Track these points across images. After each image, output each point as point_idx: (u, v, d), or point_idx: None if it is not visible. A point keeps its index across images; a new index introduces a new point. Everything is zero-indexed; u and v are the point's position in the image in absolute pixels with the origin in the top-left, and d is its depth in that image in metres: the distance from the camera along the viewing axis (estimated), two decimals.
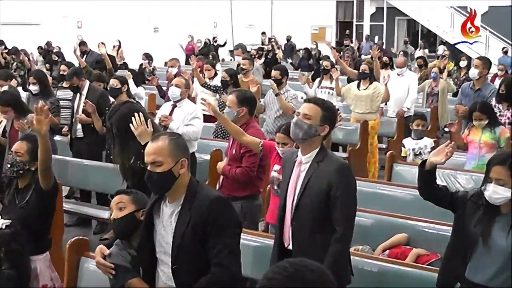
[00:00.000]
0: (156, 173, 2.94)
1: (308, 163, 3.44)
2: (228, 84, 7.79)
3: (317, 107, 3.43)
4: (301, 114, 3.45)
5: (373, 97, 8.34)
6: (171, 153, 2.94)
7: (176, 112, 6.38)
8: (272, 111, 7.27)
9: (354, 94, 8.44)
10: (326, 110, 3.45)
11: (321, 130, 3.44)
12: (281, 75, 7.30)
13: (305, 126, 3.41)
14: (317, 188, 3.35)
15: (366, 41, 21.66)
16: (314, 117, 3.42)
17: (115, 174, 4.57)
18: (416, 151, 6.80)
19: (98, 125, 6.75)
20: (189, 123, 6.22)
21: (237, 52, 10.40)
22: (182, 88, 6.41)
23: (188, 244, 2.88)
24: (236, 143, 4.95)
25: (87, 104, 6.64)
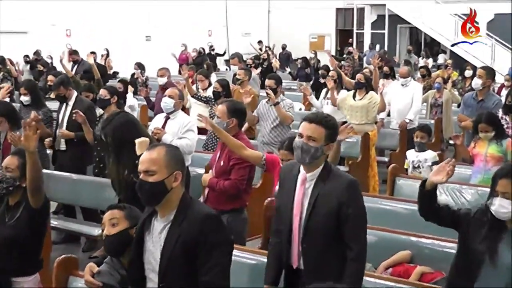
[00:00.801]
0: (147, 183, 2.94)
1: (313, 181, 3.43)
2: (220, 95, 7.81)
3: (321, 127, 3.40)
4: (304, 136, 3.40)
5: (368, 107, 8.36)
6: (166, 164, 2.95)
7: (170, 124, 6.38)
8: (268, 121, 7.28)
9: (350, 105, 8.45)
10: (330, 128, 3.43)
11: (327, 149, 3.44)
12: (276, 84, 7.34)
13: (311, 150, 3.38)
14: (326, 208, 3.33)
15: (370, 50, 21.71)
16: (319, 138, 3.39)
17: (105, 189, 4.56)
18: (415, 163, 6.81)
19: (89, 137, 6.74)
20: (183, 136, 6.22)
21: (233, 61, 10.42)
22: (175, 99, 6.40)
23: (176, 262, 2.87)
24: (225, 155, 4.98)
25: (77, 114, 6.63)
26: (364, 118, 8.37)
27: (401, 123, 9.22)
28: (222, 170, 4.98)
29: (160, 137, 6.19)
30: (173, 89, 6.73)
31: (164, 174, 2.94)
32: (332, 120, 3.50)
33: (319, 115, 3.52)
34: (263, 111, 7.38)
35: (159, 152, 2.98)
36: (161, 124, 6.42)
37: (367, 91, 8.47)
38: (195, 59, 19.18)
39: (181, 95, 6.61)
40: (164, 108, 6.45)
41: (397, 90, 9.36)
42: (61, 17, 18.81)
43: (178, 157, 3.03)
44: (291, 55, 21.98)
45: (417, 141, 6.82)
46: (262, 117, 7.38)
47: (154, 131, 6.25)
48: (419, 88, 9.64)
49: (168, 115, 6.44)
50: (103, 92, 6.70)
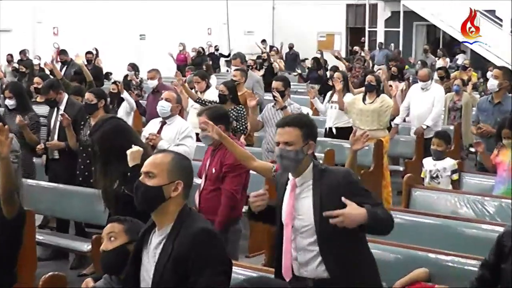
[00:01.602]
0: (144, 185, 2.98)
1: (304, 185, 3.45)
2: (227, 98, 7.80)
3: (294, 129, 3.45)
4: (280, 143, 3.46)
5: (380, 112, 8.33)
6: (168, 169, 2.99)
7: (166, 130, 6.39)
8: (274, 127, 7.25)
9: (359, 109, 8.43)
10: (305, 126, 3.48)
11: (308, 148, 3.47)
12: (284, 87, 7.35)
13: (291, 155, 3.42)
14: (333, 207, 3.30)
15: (380, 49, 21.73)
16: (296, 141, 3.44)
17: (96, 201, 4.56)
18: (433, 173, 6.77)
19: (72, 142, 6.76)
20: (180, 142, 6.23)
21: (235, 62, 10.41)
22: (172, 102, 6.42)
23: (168, 280, 2.87)
24: (216, 161, 5.03)
25: (63, 118, 6.65)
26: (376, 123, 8.35)
27: (417, 129, 9.21)
28: (214, 178, 5.05)
29: (156, 144, 6.20)
30: (170, 92, 6.75)
31: (164, 180, 2.98)
32: (304, 117, 3.60)
33: (289, 117, 3.61)
34: (269, 116, 7.39)
35: (165, 156, 3.04)
36: (157, 130, 6.43)
37: (378, 94, 8.47)
38: (194, 59, 19.22)
39: (179, 98, 6.62)
40: (160, 112, 6.46)
41: (417, 94, 9.34)
42: (48, 14, 18.85)
43: (185, 167, 3.07)
44: (299, 55, 22.00)
45: (433, 148, 6.79)
46: (268, 122, 7.40)
47: (149, 137, 6.26)
48: (441, 92, 9.60)
49: (164, 120, 6.45)
50: (89, 97, 6.66)
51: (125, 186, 4.19)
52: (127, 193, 4.13)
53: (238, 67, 9.63)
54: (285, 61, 20.46)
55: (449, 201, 6.08)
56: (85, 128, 6.61)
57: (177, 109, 6.50)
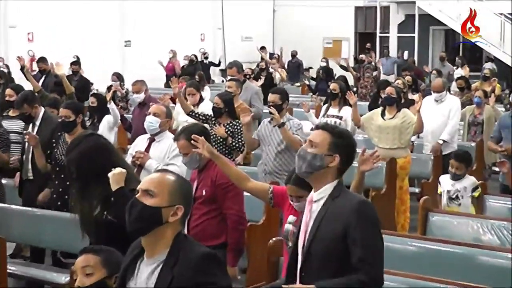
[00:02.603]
0: (141, 203, 2.99)
1: (321, 201, 3.49)
2: (222, 112, 7.82)
3: (325, 132, 3.54)
4: (308, 140, 3.56)
5: (402, 128, 8.31)
6: (170, 191, 3.03)
7: (155, 147, 6.40)
8: (272, 145, 7.30)
9: (378, 125, 8.42)
10: (337, 137, 3.53)
11: (329, 161, 3.49)
12: (282, 100, 7.32)
13: (308, 156, 3.50)
14: (330, 231, 3.37)
15: (387, 58, 21.75)
16: (320, 144, 3.50)
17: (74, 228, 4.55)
18: (452, 194, 6.78)
19: (40, 162, 6.75)
20: (170, 162, 6.24)
21: (231, 71, 10.40)
22: (161, 117, 6.43)
23: None
24: (205, 182, 5.13)
25: (29, 136, 6.63)
26: (397, 142, 8.32)
27: (433, 146, 9.21)
28: (205, 200, 5.14)
29: (143, 163, 6.22)
30: (159, 105, 6.76)
31: (164, 201, 3.00)
32: (342, 130, 3.65)
33: (329, 123, 3.69)
34: (265, 133, 7.38)
35: (168, 177, 3.08)
36: (144, 147, 6.43)
37: (399, 108, 8.44)
38: (186, 68, 19.23)
39: (168, 112, 6.64)
40: (148, 129, 6.47)
41: (430, 107, 9.33)
42: (22, 18, 18.86)
43: (187, 192, 3.13)
44: (303, 64, 22.04)
45: (451, 171, 6.79)
46: (264, 140, 7.38)
47: (136, 155, 6.28)
48: (457, 103, 9.63)
49: (152, 137, 6.46)
50: (65, 113, 6.56)
51: (107, 211, 4.18)
52: (110, 219, 4.12)
53: (234, 77, 9.63)
54: (287, 70, 20.47)
55: (471, 227, 6.08)
56: (60, 146, 6.61)
57: (167, 125, 6.52)
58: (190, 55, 20.06)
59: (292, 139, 7.11)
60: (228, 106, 7.85)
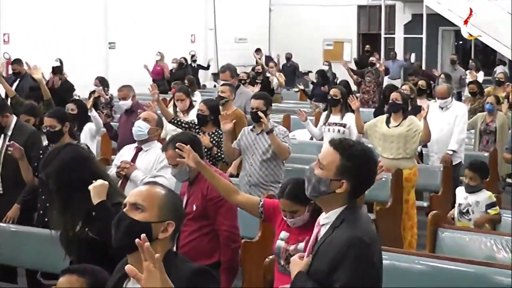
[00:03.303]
0: (130, 218, 3.00)
1: (327, 225, 3.45)
2: (207, 120, 7.86)
3: (335, 153, 3.40)
4: (317, 160, 3.48)
5: (407, 137, 8.35)
6: (160, 206, 3.05)
7: (142, 157, 6.43)
8: (256, 155, 7.29)
9: (382, 133, 8.46)
10: (348, 159, 3.38)
11: (336, 186, 3.39)
12: (266, 106, 7.35)
13: (314, 179, 3.41)
14: (320, 266, 3.33)
15: (393, 61, 21.78)
16: (327, 167, 3.39)
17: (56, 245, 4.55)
18: (462, 208, 6.83)
19: (27, 177, 6.72)
20: (158, 173, 6.27)
21: (224, 75, 10.41)
22: (152, 124, 6.48)
23: None
24: (196, 196, 5.16)
25: (13, 147, 6.63)
26: (402, 151, 8.35)
27: (443, 157, 9.23)
28: (196, 216, 5.17)
29: (129, 174, 6.24)
30: (150, 112, 6.82)
31: (155, 216, 3.02)
32: (358, 152, 3.42)
33: (346, 139, 3.50)
34: (247, 142, 7.38)
35: (157, 190, 3.11)
36: (131, 157, 6.44)
37: (405, 116, 8.47)
38: (175, 72, 19.23)
39: (160, 121, 6.69)
40: (135, 134, 6.49)
41: (435, 115, 9.37)
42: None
43: (178, 207, 3.15)
44: (298, 67, 22.08)
45: (466, 182, 6.84)
46: (247, 149, 7.37)
47: (122, 165, 6.29)
48: (463, 110, 9.67)
49: (140, 146, 6.47)
50: (50, 122, 6.61)
51: (89, 228, 4.18)
52: (92, 236, 4.12)
53: (227, 82, 9.63)
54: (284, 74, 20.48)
55: (484, 244, 6.08)
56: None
57: (156, 133, 6.54)
58: (179, 58, 20.06)
59: (281, 146, 7.14)
60: (213, 113, 7.87)
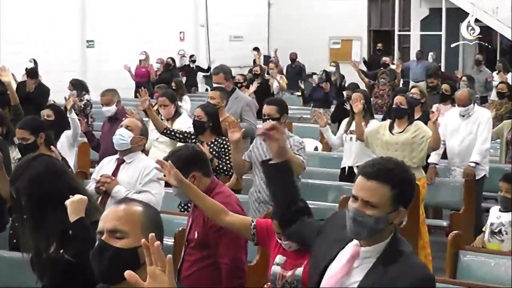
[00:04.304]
0: (113, 247, 2.99)
1: (367, 261, 3.45)
2: (205, 127, 7.85)
3: (383, 185, 3.39)
4: (359, 200, 3.42)
5: (414, 145, 8.40)
6: (143, 226, 3.04)
7: (124, 170, 6.44)
8: None
9: (385, 140, 8.50)
10: (399, 186, 3.40)
11: (394, 217, 3.43)
12: (279, 112, 7.34)
13: (369, 221, 3.39)
14: None
15: (418, 61, 21.78)
16: (381, 203, 3.39)
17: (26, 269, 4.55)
18: (494, 227, 6.84)
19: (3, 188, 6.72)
20: (143, 188, 6.28)
21: (217, 78, 10.36)
22: (135, 132, 6.49)
23: None
24: (198, 221, 5.13)
25: None
26: (408, 160, 8.30)
27: (465, 170, 9.24)
28: (198, 244, 5.13)
29: (110, 189, 6.25)
30: (133, 120, 6.83)
31: (138, 240, 2.96)
32: (402, 172, 3.44)
33: (381, 165, 3.45)
34: (258, 154, 7.39)
35: (134, 209, 3.08)
36: (112, 170, 6.45)
37: (411, 121, 8.53)
38: (161, 74, 19.22)
39: (144, 129, 6.70)
40: (116, 143, 6.50)
41: (455, 123, 9.40)
42: None
43: (158, 223, 3.13)
44: (305, 69, 22.01)
45: (501, 196, 6.89)
46: (257, 162, 7.34)
47: (102, 179, 6.30)
48: (486, 116, 9.65)
49: (122, 158, 6.48)
50: (22, 134, 6.65)
51: (64, 249, 4.18)
52: (67, 258, 4.12)
53: (220, 86, 9.60)
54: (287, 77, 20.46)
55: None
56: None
57: (140, 143, 6.56)
58: (166, 58, 20.04)
59: (293, 160, 7.11)
60: (212, 120, 7.86)
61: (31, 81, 13.16)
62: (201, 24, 24.41)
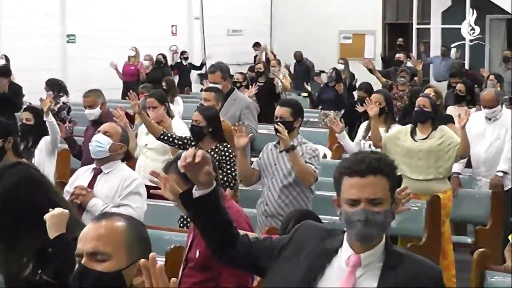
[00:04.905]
0: (95, 272, 2.98)
1: (370, 267, 3.52)
2: (204, 133, 7.88)
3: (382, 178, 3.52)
4: (363, 200, 3.49)
5: (439, 152, 8.40)
6: (128, 245, 3.05)
7: (102, 182, 6.45)
8: (276, 178, 7.35)
9: (406, 148, 8.52)
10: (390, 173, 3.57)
11: (394, 208, 3.62)
12: (293, 116, 7.36)
13: (380, 219, 3.49)
14: None
15: (443, 58, 21.75)
16: (384, 197, 3.52)
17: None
18: None
19: None
20: (122, 202, 6.31)
21: (214, 77, 10.35)
22: (114, 138, 6.49)
23: None
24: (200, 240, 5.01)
25: None
26: (433, 170, 8.39)
27: (492, 180, 9.25)
28: (199, 265, 5.12)
29: (85, 203, 6.26)
30: (112, 124, 6.84)
31: (123, 261, 3.01)
32: (386, 161, 3.60)
33: (368, 158, 3.55)
34: (268, 161, 7.43)
35: (116, 225, 3.07)
36: (88, 181, 6.46)
37: (435, 126, 8.51)
38: (150, 72, 19.19)
39: (125, 135, 6.70)
40: (93, 151, 6.51)
41: (480, 127, 9.43)
42: None
43: (145, 238, 3.15)
44: (313, 66, 21.94)
45: None
46: (266, 170, 7.43)
47: (76, 191, 6.31)
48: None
49: (99, 168, 6.49)
50: None
51: (42, 269, 4.18)
52: (46, 279, 4.13)
53: (215, 86, 9.63)
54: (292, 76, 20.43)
55: None
56: None
57: (119, 151, 6.55)
58: (156, 54, 20.00)
59: (304, 169, 7.14)
60: (212, 124, 7.89)
61: (4, 80, 13.13)
62: (196, 17, 24.37)
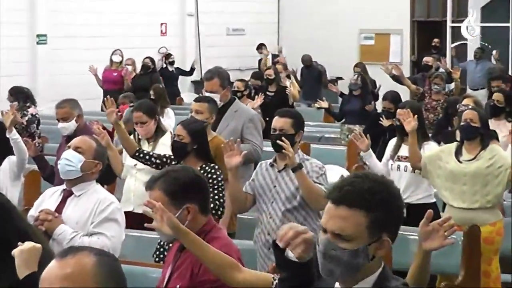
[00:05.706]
0: None
1: None
2: (188, 150, 7.89)
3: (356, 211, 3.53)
4: (328, 231, 3.55)
5: (488, 176, 8.42)
6: (98, 283, 3.11)
7: (72, 205, 6.49)
8: (277, 201, 7.39)
9: (450, 170, 8.53)
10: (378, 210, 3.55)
11: (377, 247, 3.59)
12: (294, 128, 7.39)
13: (343, 256, 3.53)
14: None
15: (478, 61, 21.83)
16: (356, 234, 3.54)
17: None
18: None
19: None
20: (95, 230, 6.34)
21: (210, 84, 10.35)
22: (87, 155, 6.51)
23: None
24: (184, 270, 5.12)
25: None
26: (480, 198, 8.43)
27: None
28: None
29: (51, 230, 6.27)
30: (84, 138, 6.82)
31: None
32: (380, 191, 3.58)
33: (352, 185, 3.57)
34: (264, 184, 7.48)
35: (83, 262, 3.13)
36: (56, 205, 6.49)
37: (485, 145, 8.51)
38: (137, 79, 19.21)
39: (100, 152, 6.70)
40: (62, 171, 6.55)
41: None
42: None
43: (118, 275, 3.22)
44: (325, 71, 21.98)
45: None
46: (264, 194, 7.47)
47: (41, 216, 6.32)
48: None
49: (69, 189, 6.50)
50: None
51: None
52: None
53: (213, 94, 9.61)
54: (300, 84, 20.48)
55: None
56: None
57: (94, 170, 6.56)
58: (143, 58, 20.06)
59: (313, 190, 7.19)
60: (198, 141, 7.92)
61: None
62: (189, 13, 24.51)
